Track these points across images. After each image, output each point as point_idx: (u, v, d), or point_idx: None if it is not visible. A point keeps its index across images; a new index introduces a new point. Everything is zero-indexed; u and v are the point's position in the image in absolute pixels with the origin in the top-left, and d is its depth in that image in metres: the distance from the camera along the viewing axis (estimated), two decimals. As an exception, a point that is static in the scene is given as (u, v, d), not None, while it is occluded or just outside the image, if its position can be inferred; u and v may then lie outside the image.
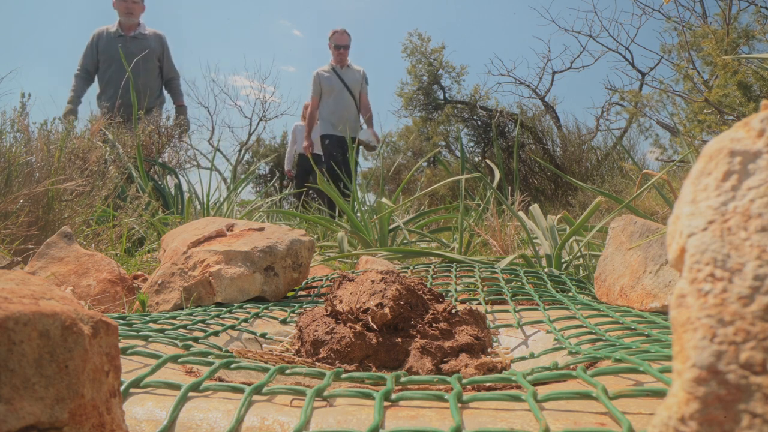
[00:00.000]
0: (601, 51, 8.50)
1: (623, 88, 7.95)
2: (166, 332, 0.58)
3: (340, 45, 4.40)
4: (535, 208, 1.49)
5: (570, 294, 0.91)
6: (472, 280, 1.03)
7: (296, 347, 0.61)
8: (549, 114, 7.32)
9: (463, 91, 8.44)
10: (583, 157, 5.46)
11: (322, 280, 1.08)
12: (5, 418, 0.22)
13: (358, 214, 1.96)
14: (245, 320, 0.71)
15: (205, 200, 2.21)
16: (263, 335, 0.68)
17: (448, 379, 0.42)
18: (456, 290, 0.93)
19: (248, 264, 0.87)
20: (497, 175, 1.98)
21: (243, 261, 0.87)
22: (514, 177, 2.17)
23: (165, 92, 3.74)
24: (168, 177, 2.60)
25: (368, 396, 0.37)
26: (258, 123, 9.88)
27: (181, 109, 3.72)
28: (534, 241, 1.36)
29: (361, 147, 4.41)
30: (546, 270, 1.15)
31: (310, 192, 4.82)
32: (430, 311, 0.60)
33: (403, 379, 0.43)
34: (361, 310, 0.58)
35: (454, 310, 0.61)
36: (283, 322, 0.75)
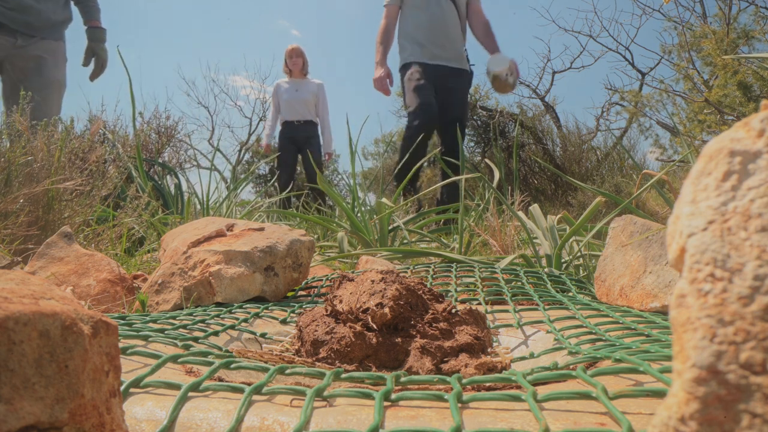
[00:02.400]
0: (601, 51, 8.50)
1: (623, 88, 7.95)
2: (166, 332, 0.58)
3: None
4: (535, 208, 1.49)
5: (570, 294, 0.91)
6: (472, 280, 1.03)
7: (296, 347, 0.61)
8: (549, 114, 7.32)
9: (463, 91, 8.42)
10: (583, 157, 5.46)
11: (322, 280, 1.08)
12: (5, 418, 0.22)
13: (358, 214, 1.96)
14: (245, 320, 0.71)
15: (205, 200, 2.21)
16: (263, 335, 0.68)
17: (448, 379, 0.42)
18: (456, 290, 0.93)
19: (248, 264, 0.87)
20: (497, 175, 1.98)
21: (243, 261, 0.87)
22: (514, 177, 2.17)
23: (73, 8, 2.53)
24: (168, 177, 2.60)
25: (368, 396, 0.37)
26: (258, 123, 9.88)
27: (95, 33, 2.48)
28: (534, 241, 1.36)
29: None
30: (546, 270, 1.15)
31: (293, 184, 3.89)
32: (430, 311, 0.60)
33: (403, 379, 0.43)
34: (361, 310, 0.58)
35: (454, 310, 0.61)
36: (283, 322, 0.75)
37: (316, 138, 4.09)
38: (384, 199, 2.01)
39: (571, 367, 0.45)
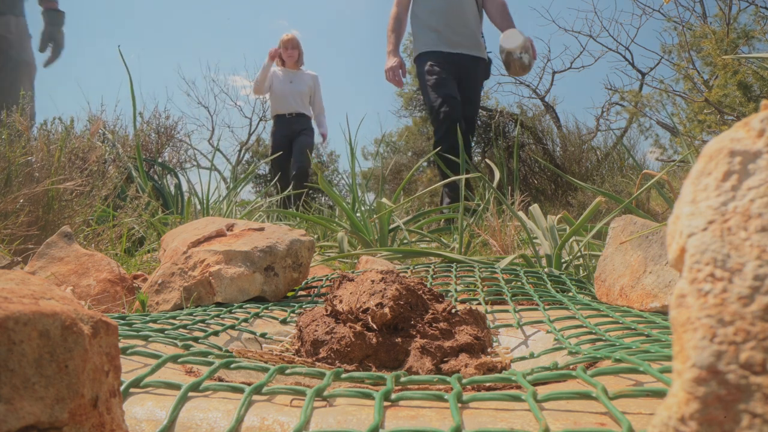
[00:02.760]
0: (601, 51, 8.49)
1: (623, 88, 7.94)
2: (166, 332, 0.58)
3: None
4: (535, 208, 1.49)
5: (570, 294, 0.91)
6: (472, 280, 1.03)
7: (296, 347, 0.61)
8: (549, 114, 7.31)
9: (463, 91, 8.40)
10: (583, 157, 5.46)
11: (322, 280, 1.08)
12: (5, 418, 0.22)
13: (358, 214, 1.96)
14: (245, 320, 0.71)
15: (205, 200, 2.21)
16: (263, 335, 0.68)
17: (448, 379, 0.42)
18: (456, 290, 0.93)
19: (248, 264, 0.87)
20: (497, 175, 1.98)
21: (243, 261, 0.87)
22: (514, 177, 2.17)
23: None
24: (168, 177, 2.59)
25: (368, 396, 0.37)
26: (258, 123, 9.88)
27: (53, 16, 2.26)
28: (534, 241, 1.36)
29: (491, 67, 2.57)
30: (546, 270, 1.15)
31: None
32: (430, 311, 0.60)
33: (403, 379, 0.43)
34: (361, 309, 0.58)
35: (454, 310, 0.61)
36: (283, 322, 0.75)
37: (309, 128, 3.98)
38: (384, 199, 2.01)
39: (571, 367, 0.45)
